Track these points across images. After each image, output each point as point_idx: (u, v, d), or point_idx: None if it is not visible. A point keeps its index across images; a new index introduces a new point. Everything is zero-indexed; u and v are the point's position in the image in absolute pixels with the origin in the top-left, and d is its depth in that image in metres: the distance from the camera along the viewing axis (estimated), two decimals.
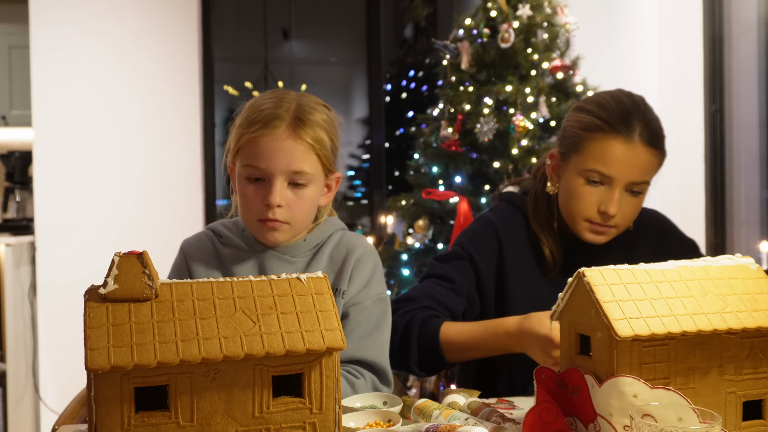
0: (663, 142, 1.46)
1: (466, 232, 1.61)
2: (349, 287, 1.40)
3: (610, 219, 1.43)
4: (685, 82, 3.40)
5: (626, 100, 1.46)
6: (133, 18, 3.61)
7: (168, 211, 3.62)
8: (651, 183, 1.47)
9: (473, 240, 1.56)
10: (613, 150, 1.40)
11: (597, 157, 1.42)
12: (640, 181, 1.43)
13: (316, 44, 5.68)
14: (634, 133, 1.40)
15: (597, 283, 0.97)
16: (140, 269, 0.86)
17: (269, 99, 1.37)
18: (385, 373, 1.38)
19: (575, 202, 1.46)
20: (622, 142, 1.40)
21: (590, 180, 1.43)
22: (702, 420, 0.84)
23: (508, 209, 1.61)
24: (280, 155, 1.32)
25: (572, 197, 1.47)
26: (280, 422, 0.86)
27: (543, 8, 3.00)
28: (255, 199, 1.34)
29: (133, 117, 3.62)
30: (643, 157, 1.41)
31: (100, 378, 0.80)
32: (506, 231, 1.57)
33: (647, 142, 1.41)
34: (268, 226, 1.35)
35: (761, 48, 3.17)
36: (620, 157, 1.40)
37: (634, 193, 1.44)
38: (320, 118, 1.36)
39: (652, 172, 1.45)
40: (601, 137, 1.41)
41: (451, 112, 3.01)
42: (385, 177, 4.68)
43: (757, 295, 1.02)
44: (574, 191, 1.46)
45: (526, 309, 1.48)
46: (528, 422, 0.99)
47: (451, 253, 1.58)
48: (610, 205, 1.42)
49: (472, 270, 1.54)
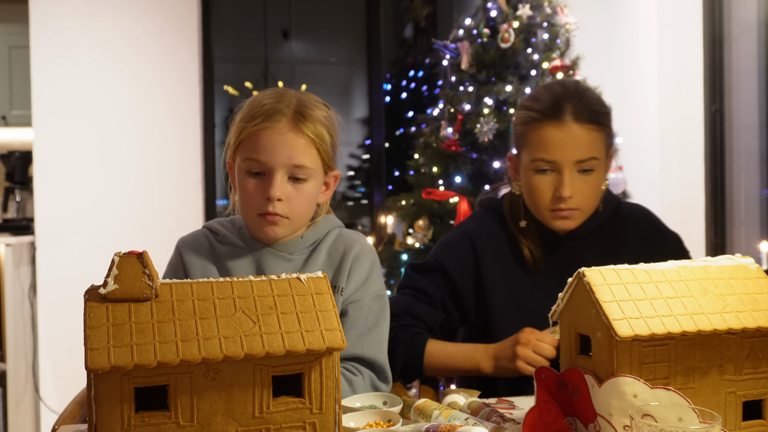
0: (602, 117, 1.49)
1: (442, 242, 1.65)
2: (348, 284, 1.40)
3: (567, 202, 1.47)
4: (685, 82, 3.40)
5: (557, 87, 1.52)
6: (133, 18, 3.61)
7: (168, 211, 3.62)
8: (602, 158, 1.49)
9: (448, 251, 1.61)
10: (548, 135, 1.46)
11: (537, 146, 1.48)
12: (585, 158, 1.46)
13: (316, 44, 5.68)
14: (564, 114, 1.46)
15: (597, 283, 0.97)
16: (140, 269, 0.86)
17: (270, 95, 1.38)
18: (383, 370, 1.38)
19: (533, 195, 1.51)
20: (554, 126, 1.46)
21: (539, 170, 1.49)
22: (702, 420, 0.84)
23: (486, 215, 1.65)
24: (281, 148, 1.32)
25: (530, 191, 1.52)
26: (280, 422, 0.86)
27: (543, 8, 3.00)
28: (255, 193, 1.35)
29: (133, 117, 3.62)
30: (579, 135, 1.46)
31: (100, 378, 0.80)
32: (483, 237, 1.60)
33: (580, 120, 1.46)
34: (268, 220, 1.35)
35: (761, 48, 3.17)
36: (556, 141, 1.45)
37: (585, 171, 1.48)
38: (320, 114, 1.37)
39: (597, 147, 1.48)
40: (537, 127, 1.48)
41: (451, 112, 3.01)
42: (385, 177, 4.68)
43: (757, 295, 1.02)
44: (530, 184, 1.51)
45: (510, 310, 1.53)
46: (528, 422, 0.99)
47: (426, 265, 1.62)
48: (562, 188, 1.46)
49: (447, 282, 1.59)
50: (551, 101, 1.47)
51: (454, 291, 1.59)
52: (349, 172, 5.51)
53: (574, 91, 1.49)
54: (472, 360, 1.50)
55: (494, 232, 1.61)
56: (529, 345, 1.40)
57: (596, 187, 1.50)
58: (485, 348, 1.50)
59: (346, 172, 5.47)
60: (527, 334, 1.41)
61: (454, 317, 1.60)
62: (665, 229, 1.64)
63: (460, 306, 1.60)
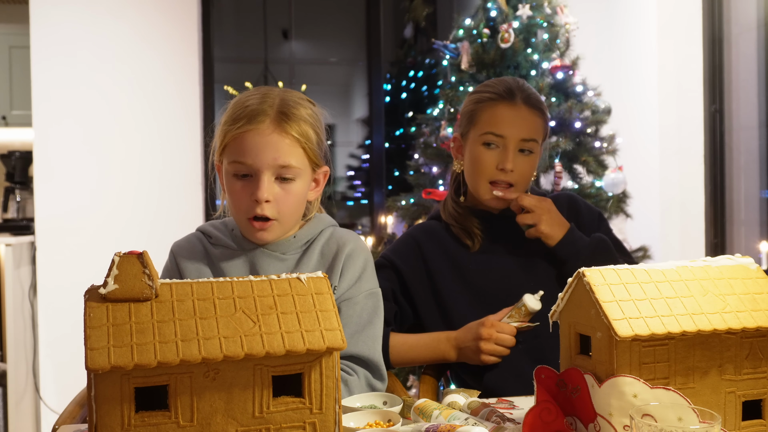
0: (544, 107, 1.68)
1: (390, 247, 1.78)
2: (341, 283, 1.40)
3: (507, 175, 1.62)
4: (685, 82, 3.40)
5: (509, 79, 1.71)
6: (133, 18, 3.61)
7: (168, 211, 3.62)
8: (539, 143, 1.66)
9: (395, 252, 1.73)
10: (501, 112, 1.63)
11: (488, 121, 1.64)
12: (528, 138, 1.63)
13: (316, 44, 5.68)
14: (516, 98, 1.64)
15: (597, 283, 0.97)
16: (140, 269, 0.87)
17: (253, 95, 1.37)
18: (378, 368, 1.39)
19: (477, 167, 1.65)
20: (507, 106, 1.63)
21: (487, 143, 1.63)
22: (702, 420, 0.84)
23: (426, 223, 1.79)
24: (266, 150, 1.32)
25: (474, 164, 1.66)
26: (280, 422, 0.86)
27: (543, 8, 2.99)
28: (243, 196, 1.35)
29: (133, 117, 3.62)
30: (527, 116, 1.63)
31: (100, 378, 0.80)
32: (426, 236, 1.73)
33: (529, 104, 1.64)
34: (257, 227, 1.36)
35: (761, 48, 3.17)
36: (508, 118, 1.62)
37: (525, 152, 1.63)
38: (305, 112, 1.37)
39: (538, 131, 1.65)
40: (490, 105, 1.65)
41: (451, 112, 3.01)
42: (385, 177, 4.69)
43: (757, 295, 1.02)
44: (475, 158, 1.65)
45: (461, 291, 1.66)
46: (528, 422, 0.99)
47: (376, 264, 1.70)
48: (506, 161, 1.61)
49: (396, 276, 1.69)
50: (504, 87, 1.66)
51: (404, 285, 1.68)
52: (349, 172, 5.51)
53: (522, 84, 1.68)
54: (436, 350, 1.62)
55: (435, 230, 1.74)
56: (491, 339, 1.53)
57: (532, 167, 1.66)
58: (447, 337, 1.61)
59: (346, 172, 5.48)
60: (488, 328, 1.54)
61: (407, 311, 1.69)
62: (589, 205, 1.80)
63: (411, 300, 1.68)
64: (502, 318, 1.55)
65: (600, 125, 2.93)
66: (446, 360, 1.62)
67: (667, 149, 3.43)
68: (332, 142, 4.94)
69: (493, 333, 1.53)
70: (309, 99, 1.43)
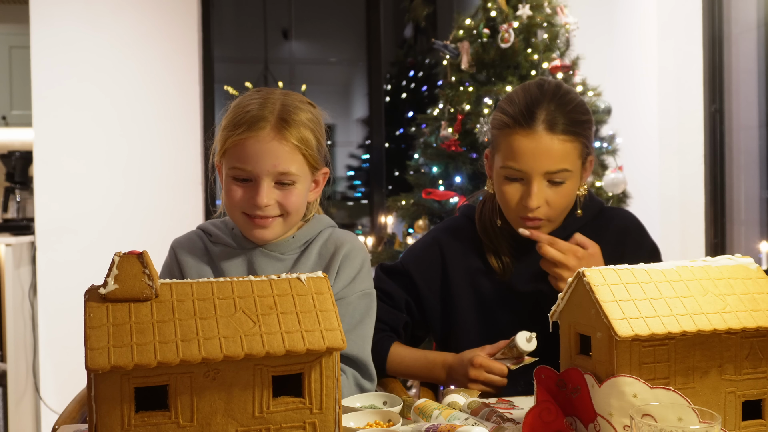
0: (578, 127, 1.42)
1: (412, 248, 1.66)
2: (336, 282, 1.41)
3: (534, 212, 1.43)
4: (685, 82, 3.40)
5: (534, 89, 1.45)
6: (133, 18, 3.61)
7: (168, 211, 3.62)
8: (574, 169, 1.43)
9: (415, 257, 1.62)
10: (518, 144, 1.40)
11: (506, 154, 1.43)
12: (555, 170, 1.40)
13: (316, 44, 5.68)
14: (536, 123, 1.39)
15: (597, 283, 0.97)
16: (140, 269, 0.87)
17: (254, 99, 1.37)
18: (366, 368, 1.39)
19: (502, 200, 1.48)
20: (524, 135, 1.40)
21: (508, 177, 1.44)
22: (702, 420, 0.84)
23: (460, 220, 1.64)
24: (265, 157, 1.32)
25: (499, 195, 1.49)
26: (280, 422, 0.86)
27: (543, 8, 2.99)
28: (243, 199, 1.35)
29: (133, 117, 3.61)
30: (550, 146, 1.39)
31: (101, 378, 0.80)
32: (453, 243, 1.59)
33: (553, 129, 1.39)
34: (256, 224, 1.36)
35: (761, 48, 3.17)
36: (526, 151, 1.40)
37: (555, 183, 1.42)
38: (305, 117, 1.37)
39: (569, 158, 1.41)
40: (508, 133, 1.42)
41: (451, 112, 3.01)
42: (385, 177, 4.68)
43: (757, 295, 1.02)
44: (499, 189, 1.48)
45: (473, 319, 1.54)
46: (528, 422, 0.99)
47: (394, 268, 1.64)
48: (529, 199, 1.41)
49: (411, 287, 1.60)
50: (525, 106, 1.41)
51: (417, 297, 1.60)
52: (349, 172, 5.51)
53: (552, 96, 1.42)
54: (431, 372, 1.53)
55: (465, 237, 1.59)
56: (480, 379, 1.42)
57: (566, 197, 1.45)
58: (442, 364, 1.51)
59: (346, 172, 5.48)
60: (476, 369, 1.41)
61: (419, 321, 1.62)
62: (642, 238, 1.57)
63: (424, 312, 1.61)
64: (497, 353, 1.43)
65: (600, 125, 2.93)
66: (440, 383, 1.56)
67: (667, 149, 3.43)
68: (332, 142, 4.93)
69: (481, 375, 1.41)
70: (309, 101, 1.42)
